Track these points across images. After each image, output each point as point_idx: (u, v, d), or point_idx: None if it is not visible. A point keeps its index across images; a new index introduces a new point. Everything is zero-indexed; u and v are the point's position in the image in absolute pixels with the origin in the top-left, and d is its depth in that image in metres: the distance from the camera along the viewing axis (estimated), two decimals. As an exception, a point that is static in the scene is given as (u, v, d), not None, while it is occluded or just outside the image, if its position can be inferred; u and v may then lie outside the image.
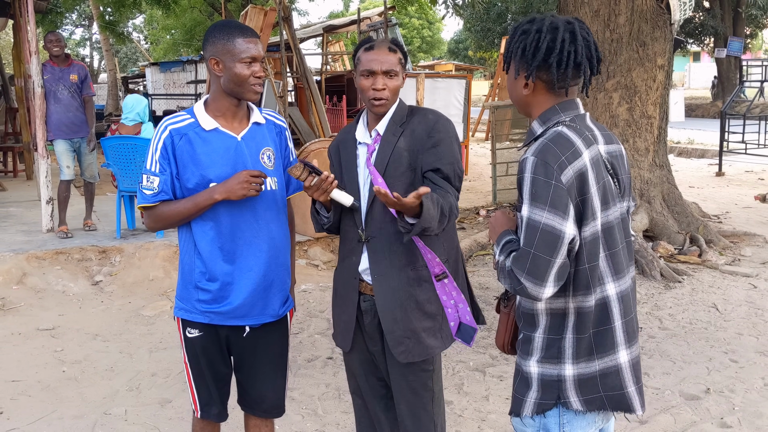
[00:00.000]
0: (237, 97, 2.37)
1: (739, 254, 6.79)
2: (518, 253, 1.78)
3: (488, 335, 4.81)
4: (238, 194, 2.29)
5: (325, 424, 3.59)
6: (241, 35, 2.32)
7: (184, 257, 2.45)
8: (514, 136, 10.62)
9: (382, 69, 2.32)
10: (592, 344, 1.85)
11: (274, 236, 2.45)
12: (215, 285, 2.38)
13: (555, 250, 1.73)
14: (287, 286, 2.54)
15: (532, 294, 1.76)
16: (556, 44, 1.82)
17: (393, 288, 2.36)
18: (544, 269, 1.73)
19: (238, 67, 2.30)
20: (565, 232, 1.74)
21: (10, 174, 11.50)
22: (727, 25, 24.36)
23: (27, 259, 6.01)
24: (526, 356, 1.91)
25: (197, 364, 2.49)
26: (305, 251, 6.79)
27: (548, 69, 1.84)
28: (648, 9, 6.83)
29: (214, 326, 2.44)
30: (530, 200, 1.76)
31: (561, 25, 1.85)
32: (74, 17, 36.94)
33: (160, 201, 2.36)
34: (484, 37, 30.83)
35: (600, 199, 1.81)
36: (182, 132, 2.35)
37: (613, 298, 1.86)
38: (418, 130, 2.37)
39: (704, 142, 16.16)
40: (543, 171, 1.75)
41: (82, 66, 7.04)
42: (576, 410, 1.86)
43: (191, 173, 2.35)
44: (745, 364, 4.32)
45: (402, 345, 2.36)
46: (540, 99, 1.91)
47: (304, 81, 10.41)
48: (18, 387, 4.07)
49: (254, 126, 2.45)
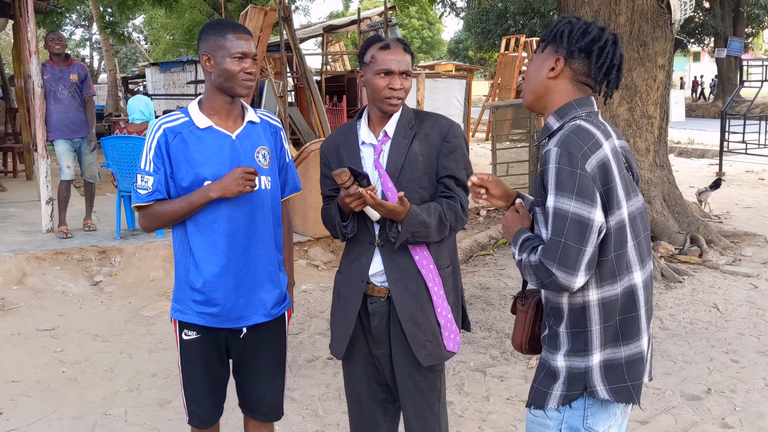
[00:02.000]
0: (228, 93, 2.36)
1: (739, 254, 6.78)
2: (547, 243, 1.77)
3: (488, 335, 4.80)
4: (233, 191, 2.28)
5: (326, 424, 3.59)
6: (233, 31, 2.32)
7: (178, 258, 2.44)
8: (515, 137, 10.61)
9: (399, 69, 2.33)
10: (618, 331, 1.86)
11: (266, 236, 2.44)
12: (208, 285, 2.38)
13: (585, 238, 1.72)
14: (282, 285, 2.53)
15: (564, 284, 1.74)
16: (601, 39, 1.87)
17: (412, 293, 2.36)
18: (576, 258, 1.72)
19: (228, 63, 2.30)
20: (594, 219, 1.73)
21: (10, 174, 11.50)
22: (728, 25, 24.38)
23: (27, 259, 6.00)
24: (554, 350, 1.90)
25: (191, 368, 2.47)
26: (305, 251, 6.78)
27: (587, 57, 1.87)
28: (648, 9, 6.83)
29: (211, 328, 2.43)
30: (556, 190, 1.75)
31: (607, 29, 1.91)
32: (74, 18, 36.94)
33: (155, 200, 2.36)
34: (484, 38, 30.86)
35: (623, 189, 1.82)
36: (176, 131, 2.35)
37: (640, 285, 1.87)
38: (433, 134, 2.38)
39: (704, 142, 16.17)
40: (567, 161, 1.75)
41: (82, 66, 7.04)
42: (602, 399, 1.85)
43: (186, 172, 2.34)
44: (746, 364, 4.31)
45: (425, 349, 2.36)
46: (560, 86, 1.91)
47: (304, 81, 10.41)
48: (18, 387, 4.06)
49: (249, 125, 2.44)
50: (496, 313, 5.27)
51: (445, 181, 2.38)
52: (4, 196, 9.32)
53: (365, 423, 2.56)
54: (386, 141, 2.40)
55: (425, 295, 2.38)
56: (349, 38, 25.56)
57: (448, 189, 2.37)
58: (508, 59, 19.03)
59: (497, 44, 27.90)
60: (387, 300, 2.40)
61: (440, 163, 2.37)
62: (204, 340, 2.44)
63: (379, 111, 2.40)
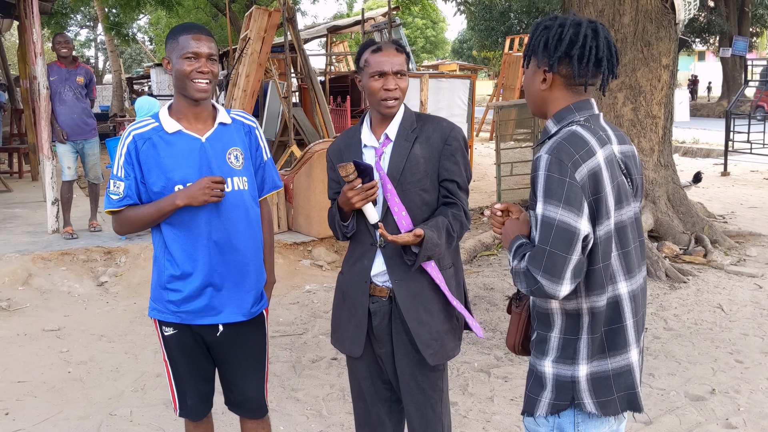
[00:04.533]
0: (183, 94, 2.36)
1: (744, 254, 6.77)
2: (533, 251, 1.77)
3: (492, 336, 4.81)
4: (199, 200, 2.31)
5: (330, 424, 3.60)
6: (187, 32, 2.32)
7: (156, 259, 2.48)
8: (519, 136, 10.61)
9: (392, 70, 2.34)
10: (604, 343, 1.85)
11: (242, 236, 2.45)
12: (184, 285, 2.41)
13: (570, 247, 1.72)
14: (260, 285, 2.55)
15: (549, 292, 1.74)
16: (579, 38, 1.83)
17: (415, 292, 2.38)
18: (561, 266, 1.72)
19: (180, 63, 2.31)
20: (580, 228, 1.73)
21: (16, 175, 11.54)
22: (732, 24, 24.31)
23: (32, 260, 6.03)
24: (541, 356, 1.91)
25: (176, 362, 2.52)
26: (309, 252, 6.80)
27: (569, 62, 1.85)
28: (653, 9, 6.82)
29: (187, 325, 2.46)
30: (544, 197, 1.76)
31: (584, 21, 1.86)
32: (79, 18, 37.02)
33: (126, 205, 2.39)
34: (487, 36, 30.82)
35: (614, 198, 1.81)
36: (145, 137, 2.37)
37: (625, 296, 1.86)
38: (434, 137, 2.40)
39: (709, 142, 16.12)
40: (557, 168, 1.75)
41: (88, 69, 7.07)
42: (590, 413, 1.85)
43: (156, 177, 2.36)
44: (750, 364, 4.30)
45: (430, 348, 2.38)
46: (556, 95, 1.91)
47: (308, 82, 10.41)
48: (23, 388, 4.08)
49: (220, 126, 2.44)
50: (500, 313, 5.27)
51: (446, 185, 2.39)
52: (10, 197, 9.35)
53: (371, 420, 2.58)
54: (387, 143, 2.42)
55: (428, 295, 2.39)
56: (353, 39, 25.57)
57: (450, 194, 2.40)
58: (512, 59, 19.01)
59: (500, 42, 27.88)
60: (389, 299, 2.41)
61: (441, 165, 2.39)
62: (181, 335, 2.47)
63: (378, 114, 2.42)
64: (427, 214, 2.39)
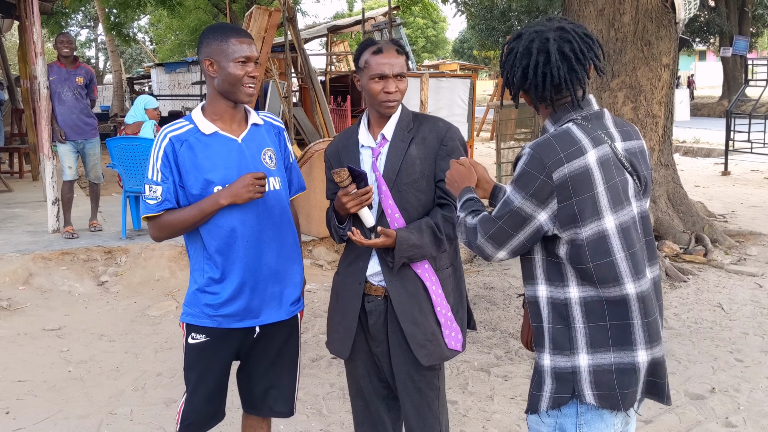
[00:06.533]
0: (230, 98, 2.36)
1: (744, 253, 6.77)
2: (488, 216, 1.88)
3: (493, 335, 4.81)
4: (243, 198, 2.29)
5: (330, 423, 3.60)
6: (236, 35, 2.33)
7: (193, 262, 2.45)
8: (519, 136, 10.61)
9: (393, 72, 2.34)
10: (608, 335, 1.85)
11: (282, 235, 2.45)
12: (222, 288, 2.38)
13: (520, 228, 1.83)
14: (299, 286, 2.54)
15: (485, 252, 1.89)
16: (529, 70, 1.87)
17: (410, 292, 2.38)
18: (505, 239, 1.85)
19: (232, 67, 2.30)
20: (537, 217, 1.81)
21: (16, 175, 11.55)
22: (733, 24, 24.29)
23: (33, 259, 6.04)
24: (541, 350, 1.91)
25: (194, 374, 2.45)
26: (309, 251, 6.80)
27: (529, 92, 1.91)
28: (653, 8, 6.82)
29: (222, 330, 2.42)
30: (515, 184, 1.85)
31: (535, 47, 1.85)
32: (79, 18, 37.03)
33: (165, 210, 2.35)
34: (488, 35, 30.79)
35: (609, 198, 1.80)
36: (182, 138, 2.35)
37: (633, 297, 1.84)
38: (430, 138, 2.40)
39: (710, 141, 16.11)
40: (535, 165, 1.80)
41: (89, 70, 7.07)
42: (589, 404, 1.85)
43: (195, 179, 2.34)
44: (750, 363, 4.31)
45: (424, 348, 2.38)
46: (543, 107, 1.94)
47: (308, 81, 10.42)
48: (24, 387, 4.08)
49: (253, 127, 2.45)
50: (500, 312, 5.27)
51: (441, 186, 2.38)
52: (11, 197, 9.36)
53: (370, 417, 2.58)
54: (384, 144, 2.42)
55: (423, 295, 2.39)
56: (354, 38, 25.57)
57: (445, 195, 2.39)
58: (513, 59, 19.00)
59: (501, 42, 27.84)
60: (384, 299, 2.42)
61: (437, 166, 2.39)
62: (211, 343, 2.43)
63: (377, 113, 2.42)
64: (423, 215, 2.40)
